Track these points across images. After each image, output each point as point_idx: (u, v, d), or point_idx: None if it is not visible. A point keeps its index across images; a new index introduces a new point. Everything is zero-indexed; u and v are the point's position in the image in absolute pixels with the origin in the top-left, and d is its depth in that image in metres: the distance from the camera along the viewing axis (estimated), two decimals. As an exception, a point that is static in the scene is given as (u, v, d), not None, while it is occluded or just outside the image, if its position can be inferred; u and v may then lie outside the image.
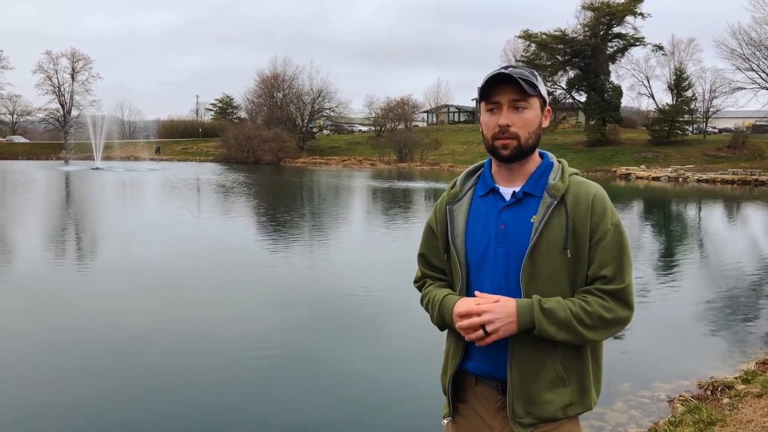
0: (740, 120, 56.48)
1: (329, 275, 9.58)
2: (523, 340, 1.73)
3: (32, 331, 6.45)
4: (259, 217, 18.11)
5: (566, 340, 1.71)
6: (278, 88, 69.13)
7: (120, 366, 5.45)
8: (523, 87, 1.71)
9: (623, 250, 1.75)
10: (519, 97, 1.74)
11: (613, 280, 1.72)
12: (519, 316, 1.68)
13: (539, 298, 1.70)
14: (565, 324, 1.68)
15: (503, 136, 1.76)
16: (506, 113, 1.75)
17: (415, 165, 52.97)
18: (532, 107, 1.77)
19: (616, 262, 1.73)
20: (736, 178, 36.32)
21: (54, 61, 72.78)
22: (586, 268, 1.74)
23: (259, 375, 5.34)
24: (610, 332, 1.75)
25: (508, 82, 1.72)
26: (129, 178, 35.30)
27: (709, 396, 4.75)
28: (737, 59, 48.72)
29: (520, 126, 1.75)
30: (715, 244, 14.29)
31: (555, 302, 1.70)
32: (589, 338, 1.72)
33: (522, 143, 1.76)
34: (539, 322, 1.68)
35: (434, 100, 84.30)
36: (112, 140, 58.55)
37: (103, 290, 8.21)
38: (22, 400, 4.69)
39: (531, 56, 56.68)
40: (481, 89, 1.77)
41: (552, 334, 1.69)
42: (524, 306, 1.69)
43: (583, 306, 1.70)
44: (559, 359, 1.75)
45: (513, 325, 1.68)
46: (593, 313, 1.70)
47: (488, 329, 1.67)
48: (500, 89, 1.74)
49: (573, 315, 1.69)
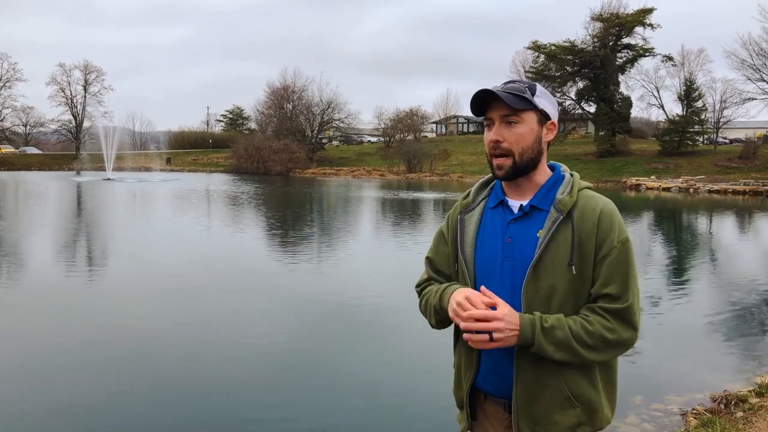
0: (751, 130, 56.16)
1: (340, 283, 9.59)
2: (528, 359, 1.71)
3: (47, 333, 6.52)
4: (269, 226, 18.16)
5: (564, 360, 1.67)
6: (288, 99, 69.55)
7: (134, 368, 5.50)
8: (508, 102, 1.70)
9: (629, 269, 1.71)
10: (509, 112, 1.73)
11: (617, 299, 1.68)
12: (521, 330, 1.65)
13: (541, 315, 1.67)
14: (564, 344, 1.65)
15: (495, 152, 1.76)
16: (497, 128, 1.75)
17: (424, 176, 53.00)
18: (524, 122, 1.74)
19: (621, 280, 1.69)
20: (748, 189, 36.03)
21: (67, 73, 73.94)
22: (590, 286, 1.71)
23: (271, 381, 5.36)
24: (612, 353, 1.71)
25: (498, 98, 1.72)
26: (140, 188, 35.55)
27: (722, 409, 4.70)
28: (748, 69, 48.55)
29: (512, 141, 1.74)
30: (727, 255, 14.17)
31: (556, 320, 1.66)
32: (589, 359, 1.68)
33: (516, 159, 1.75)
34: (538, 340, 1.65)
35: (443, 110, 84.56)
36: (123, 151, 59.13)
37: (117, 296, 8.26)
38: (36, 402, 4.73)
39: (540, 67, 56.71)
40: (473, 107, 1.78)
41: (550, 354, 1.66)
42: (526, 322, 1.65)
43: (584, 325, 1.67)
44: (565, 379, 1.71)
45: (514, 338, 1.65)
46: (594, 333, 1.66)
47: (495, 337, 1.63)
48: (492, 105, 1.75)
49: (573, 335, 1.65)
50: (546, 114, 1.78)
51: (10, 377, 5.41)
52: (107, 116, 73.28)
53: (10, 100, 73.11)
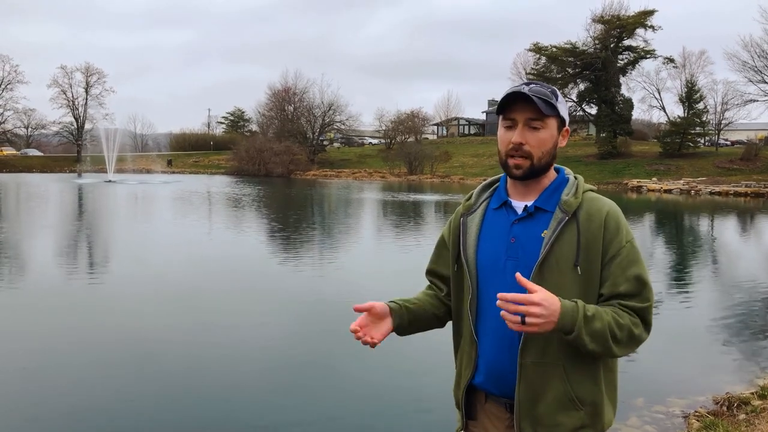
0: (753, 132, 56.16)
1: (341, 284, 9.57)
2: (532, 359, 1.70)
3: (48, 334, 6.51)
4: (271, 228, 18.15)
5: (594, 352, 1.63)
6: (289, 101, 69.62)
7: (137, 369, 5.52)
8: (539, 107, 1.69)
9: (641, 268, 1.70)
10: (535, 116, 1.72)
11: (635, 297, 1.68)
12: (561, 316, 1.57)
13: (583, 303, 1.62)
14: (600, 336, 1.62)
15: (516, 154, 1.75)
16: (521, 131, 1.74)
17: (425, 178, 53.01)
18: (547, 127, 1.74)
19: (634, 279, 1.69)
20: (749, 191, 36.01)
21: (69, 76, 74.03)
22: (597, 287, 1.70)
23: (273, 381, 5.36)
24: (630, 349, 1.71)
25: (525, 100, 1.71)
26: (141, 190, 35.58)
27: (725, 412, 4.69)
28: (749, 71, 48.57)
29: (533, 145, 1.73)
30: (729, 257, 14.15)
31: (595, 310, 1.62)
32: (615, 353, 1.67)
33: (535, 162, 1.75)
34: (579, 329, 1.59)
35: (444, 112, 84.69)
36: (124, 153, 59.16)
37: (118, 297, 8.26)
38: (38, 402, 4.73)
39: (541, 69, 56.75)
40: (500, 105, 1.76)
41: (585, 344, 1.61)
42: (568, 309, 1.58)
43: (616, 318, 1.65)
44: (569, 380, 1.70)
45: (551, 324, 1.56)
46: (624, 326, 1.65)
47: (528, 321, 1.53)
48: (517, 107, 1.73)
49: (608, 327, 1.63)
50: (564, 120, 1.79)
51: (12, 377, 5.40)
52: (108, 118, 73.55)
53: (11, 102, 73.31)
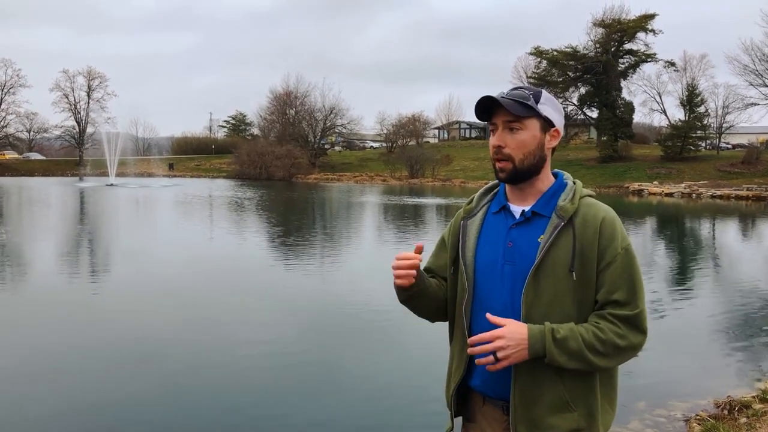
0: (754, 135, 56.13)
1: (342, 286, 9.61)
2: (526, 362, 1.71)
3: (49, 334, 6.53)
4: (273, 231, 18.17)
5: (577, 369, 1.68)
6: (291, 105, 69.67)
7: (139, 369, 5.55)
8: (510, 109, 1.73)
9: (634, 275, 1.72)
10: (511, 119, 1.76)
11: (627, 305, 1.70)
12: (530, 344, 1.65)
13: (552, 327, 1.67)
14: (577, 354, 1.65)
15: (497, 157, 1.79)
16: (499, 134, 1.79)
17: (426, 181, 53.01)
18: (526, 128, 1.77)
19: (627, 286, 1.70)
20: (751, 194, 35.95)
21: (71, 80, 74.19)
22: (593, 292, 1.72)
23: (274, 381, 5.38)
24: (622, 359, 1.73)
25: (502, 104, 1.75)
26: (143, 194, 35.61)
27: (726, 415, 4.69)
28: (750, 75, 48.50)
29: (513, 147, 1.77)
30: (731, 260, 14.14)
31: (568, 330, 1.67)
32: (601, 366, 1.70)
33: (517, 165, 1.77)
34: (550, 352, 1.65)
35: (446, 116, 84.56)
36: (126, 157, 59.23)
37: (119, 299, 8.28)
38: (40, 402, 4.74)
39: (542, 73, 56.81)
40: (480, 112, 1.81)
41: (563, 364, 1.66)
42: (536, 334, 1.65)
43: (596, 333, 1.67)
44: (563, 383, 1.72)
45: (524, 352, 1.64)
46: (607, 341, 1.67)
47: (499, 356, 1.64)
48: (497, 111, 1.78)
49: (586, 344, 1.66)
50: (550, 121, 1.80)
51: (15, 378, 5.42)
52: (110, 122, 73.57)
53: (14, 106, 73.53)
